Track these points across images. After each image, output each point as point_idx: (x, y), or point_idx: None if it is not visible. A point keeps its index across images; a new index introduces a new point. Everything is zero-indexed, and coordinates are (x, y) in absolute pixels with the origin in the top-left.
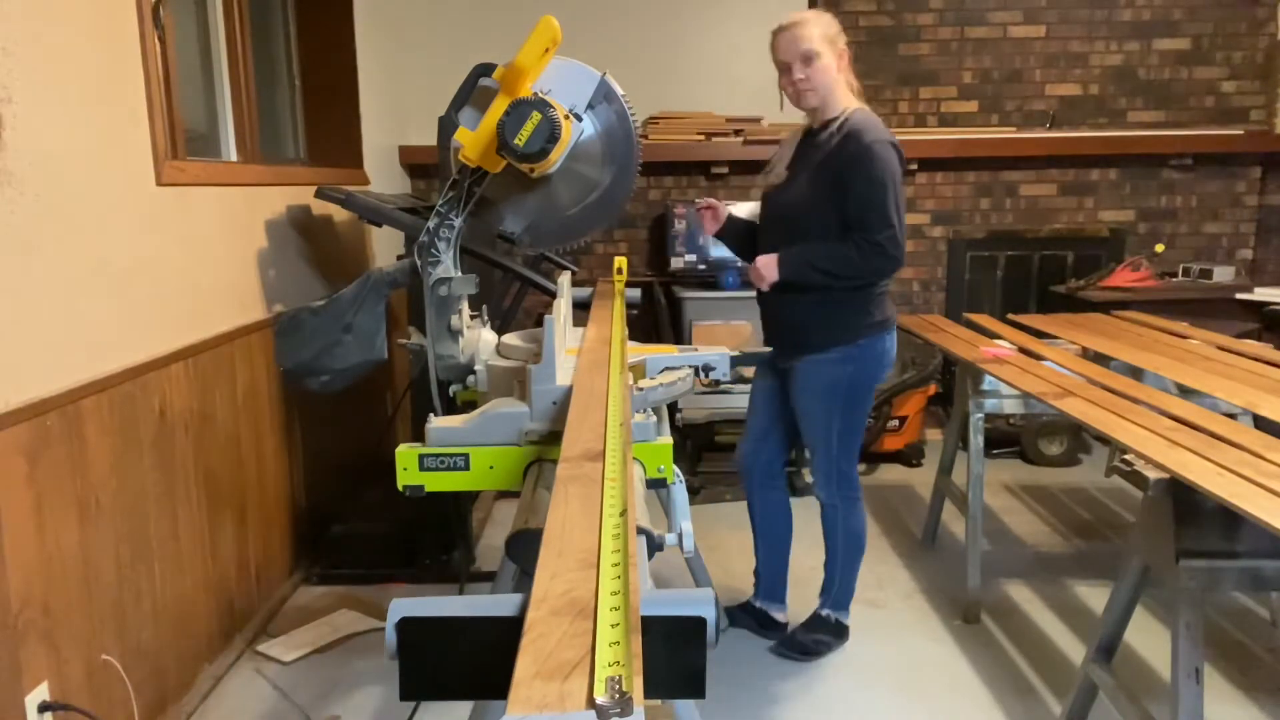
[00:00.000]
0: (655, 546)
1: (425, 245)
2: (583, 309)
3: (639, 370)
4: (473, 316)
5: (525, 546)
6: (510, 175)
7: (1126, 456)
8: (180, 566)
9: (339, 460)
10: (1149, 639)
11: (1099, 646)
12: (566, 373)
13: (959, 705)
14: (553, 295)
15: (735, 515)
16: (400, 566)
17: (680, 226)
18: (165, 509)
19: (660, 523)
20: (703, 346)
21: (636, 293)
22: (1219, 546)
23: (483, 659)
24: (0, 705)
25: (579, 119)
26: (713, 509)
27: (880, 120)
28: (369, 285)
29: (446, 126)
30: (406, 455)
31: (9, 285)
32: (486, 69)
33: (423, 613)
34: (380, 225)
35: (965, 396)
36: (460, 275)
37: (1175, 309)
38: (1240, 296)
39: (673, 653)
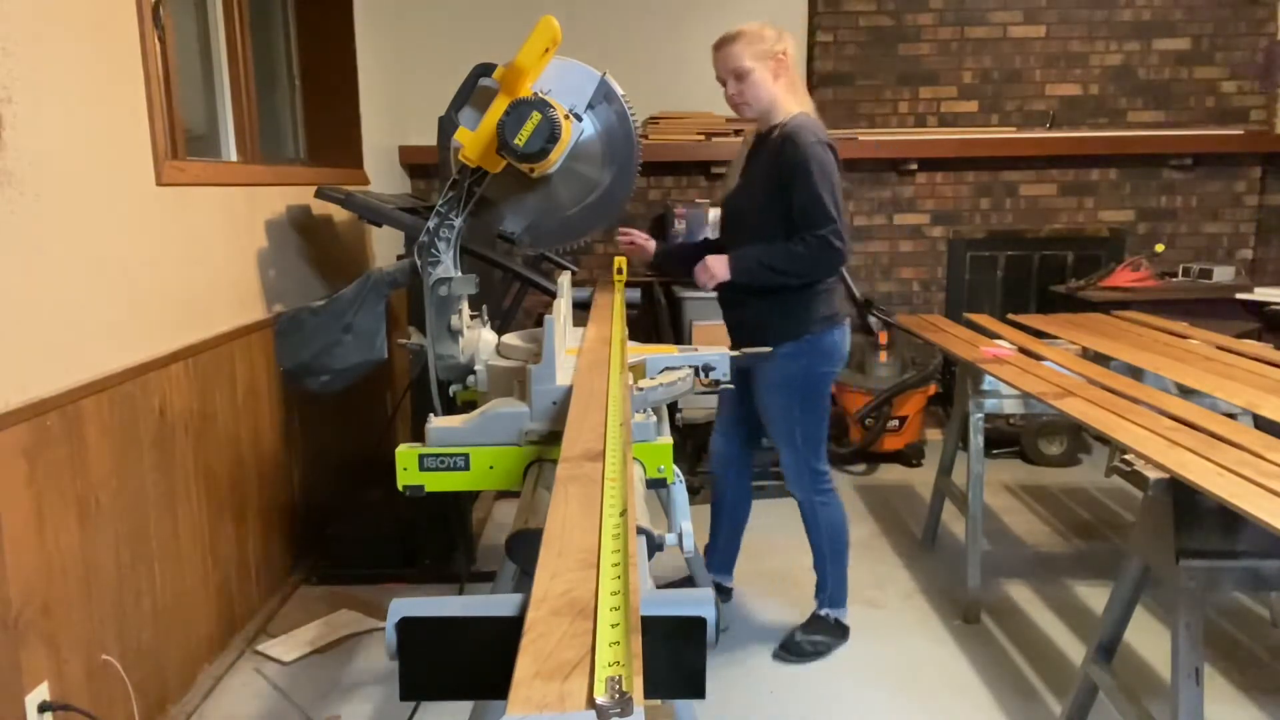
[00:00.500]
0: (655, 546)
1: (425, 245)
2: (583, 309)
3: (639, 370)
4: (473, 316)
5: (525, 546)
6: (510, 175)
7: (1126, 456)
8: (180, 566)
9: (339, 460)
10: (1149, 639)
11: (1099, 646)
12: (566, 373)
13: (959, 705)
14: (553, 295)
15: None
16: (400, 566)
17: (680, 226)
18: (165, 509)
19: (660, 523)
20: (703, 346)
21: (636, 293)
22: (1219, 546)
23: (483, 659)
24: (0, 705)
25: (579, 119)
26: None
27: (820, 123)
28: (369, 285)
29: (446, 126)
30: (406, 455)
31: (9, 285)
32: (486, 69)
33: (423, 613)
34: (380, 225)
35: (965, 396)
36: (460, 275)
37: (1175, 309)
38: (1240, 296)
39: (673, 653)
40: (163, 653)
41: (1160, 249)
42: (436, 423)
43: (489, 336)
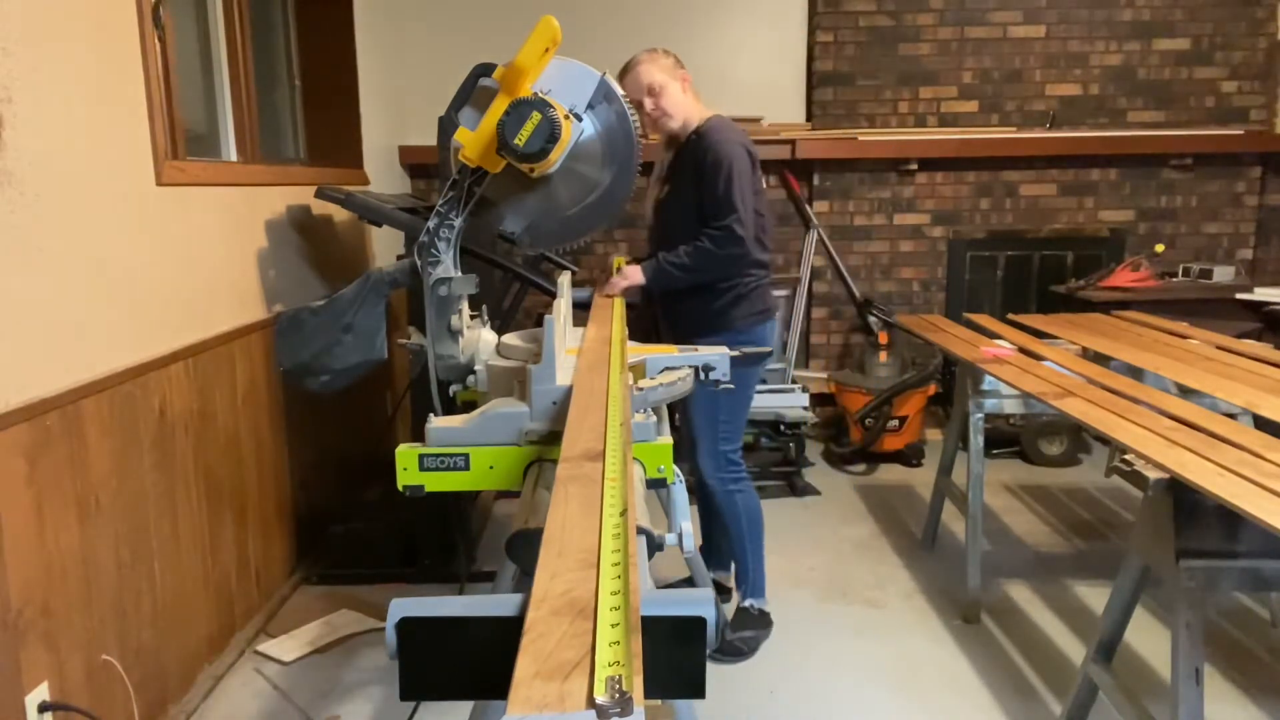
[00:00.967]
0: (655, 546)
1: (425, 245)
2: (583, 309)
3: (639, 370)
4: (473, 316)
5: (525, 546)
6: (510, 175)
7: (1126, 456)
8: (180, 566)
9: (339, 460)
10: (1149, 639)
11: (1099, 646)
12: (566, 373)
13: (959, 705)
14: (553, 295)
15: None
16: (400, 566)
17: None
18: (165, 509)
19: (660, 523)
20: (702, 347)
21: (636, 293)
22: (1219, 546)
23: (483, 659)
24: (0, 705)
25: (579, 119)
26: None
27: (732, 125)
28: (369, 285)
29: (446, 126)
30: (406, 455)
31: (9, 285)
32: (486, 69)
33: (423, 613)
34: (380, 225)
35: (965, 396)
36: (460, 275)
37: (1175, 309)
38: (1240, 296)
39: (673, 653)
40: (163, 653)
41: (1160, 249)
42: (436, 423)
43: (489, 336)
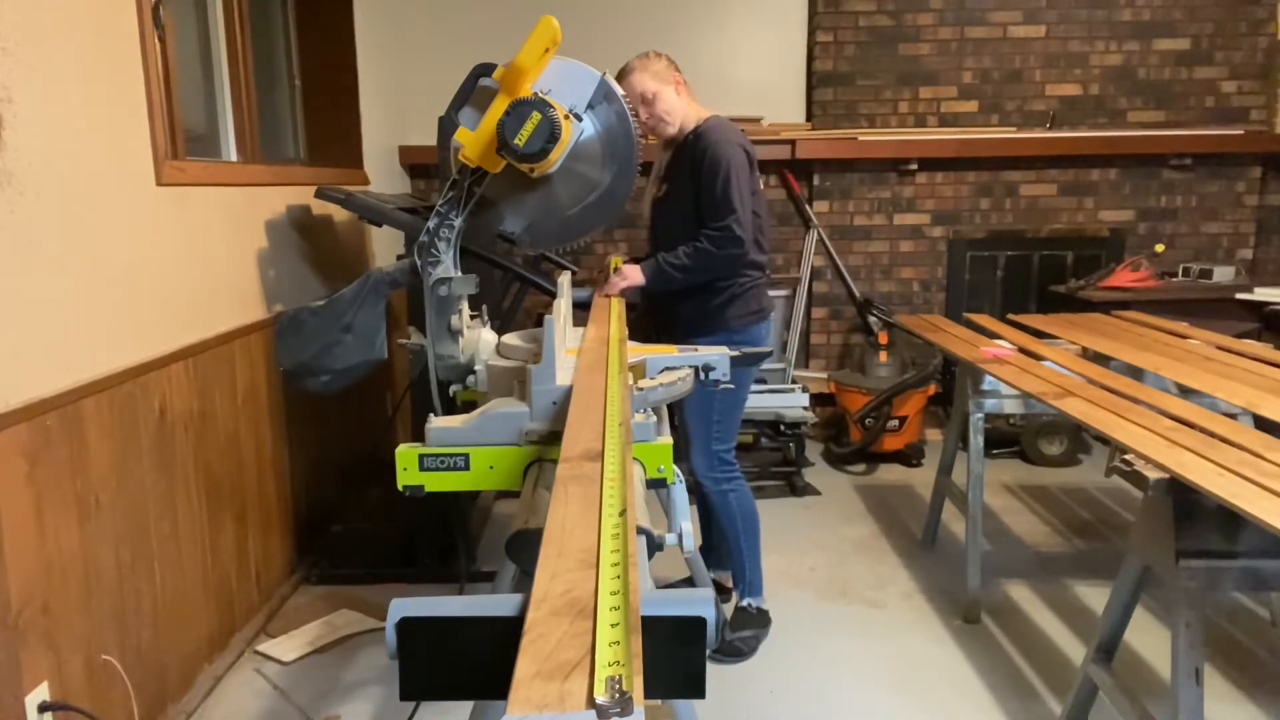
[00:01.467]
0: (655, 546)
1: (425, 245)
2: (583, 309)
3: (639, 370)
4: (473, 316)
5: (525, 546)
6: (510, 175)
7: (1126, 456)
8: (180, 566)
9: (339, 460)
10: (1149, 639)
11: (1099, 646)
12: (566, 373)
13: (959, 705)
14: (553, 295)
15: None
16: (400, 566)
17: None
18: (165, 509)
19: (660, 523)
20: (702, 347)
21: (636, 293)
22: (1219, 546)
23: (483, 659)
24: (0, 705)
25: (579, 119)
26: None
27: (730, 125)
28: (369, 285)
29: (446, 126)
30: (406, 455)
31: (9, 285)
32: (486, 69)
33: (423, 613)
34: (380, 225)
35: (965, 396)
36: (460, 275)
37: (1175, 309)
38: (1240, 296)
39: (673, 653)
40: (163, 653)
41: (1160, 249)
42: (436, 423)
43: (489, 336)
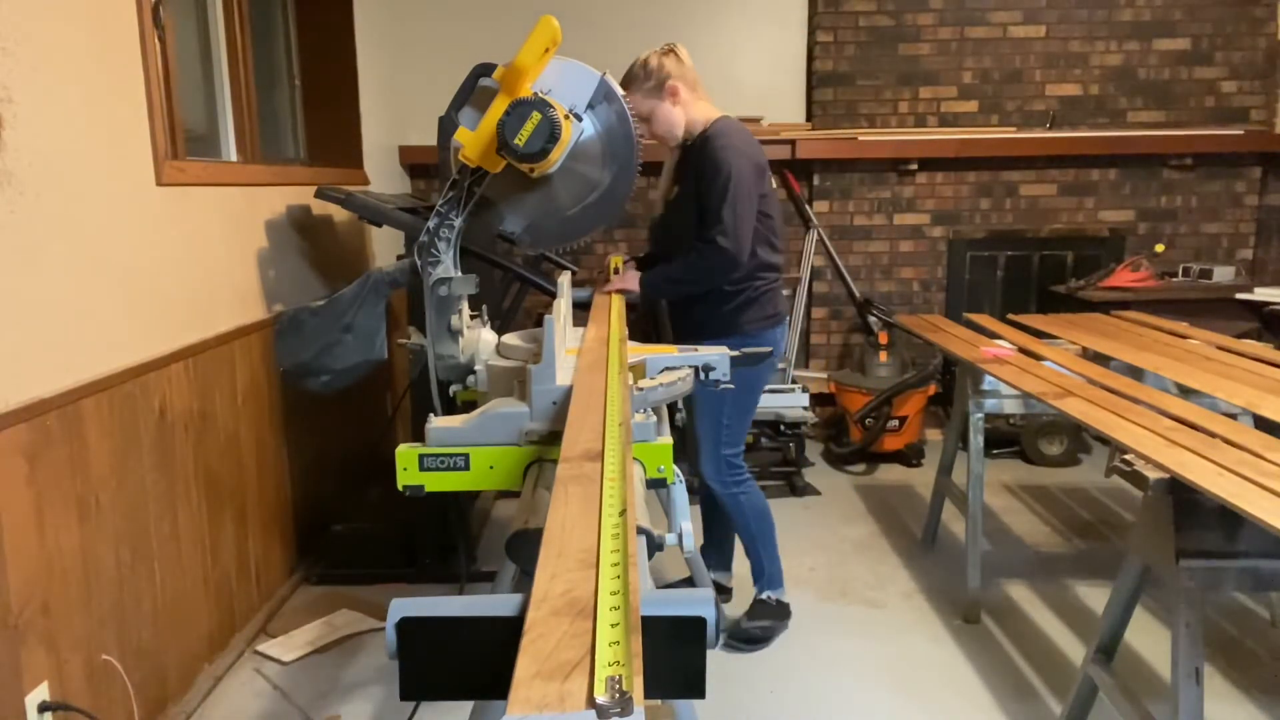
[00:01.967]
0: (655, 546)
1: (425, 245)
2: (583, 309)
3: (639, 370)
4: (473, 316)
5: (525, 546)
6: (510, 175)
7: (1126, 456)
8: (180, 566)
9: (339, 460)
10: (1149, 639)
11: (1099, 646)
12: (566, 373)
13: (959, 705)
14: (553, 295)
15: None
16: (400, 566)
17: None
18: (165, 509)
19: (660, 523)
20: (702, 347)
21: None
22: (1219, 546)
23: (483, 659)
24: (0, 705)
25: (579, 119)
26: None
27: (738, 126)
28: (369, 285)
29: (446, 126)
30: (406, 455)
31: (9, 285)
32: (486, 69)
33: (423, 613)
34: (380, 225)
35: (965, 396)
36: (460, 275)
37: (1175, 309)
38: (1240, 296)
39: (673, 653)
40: (163, 653)
41: (1160, 249)
42: (436, 423)
43: (489, 336)
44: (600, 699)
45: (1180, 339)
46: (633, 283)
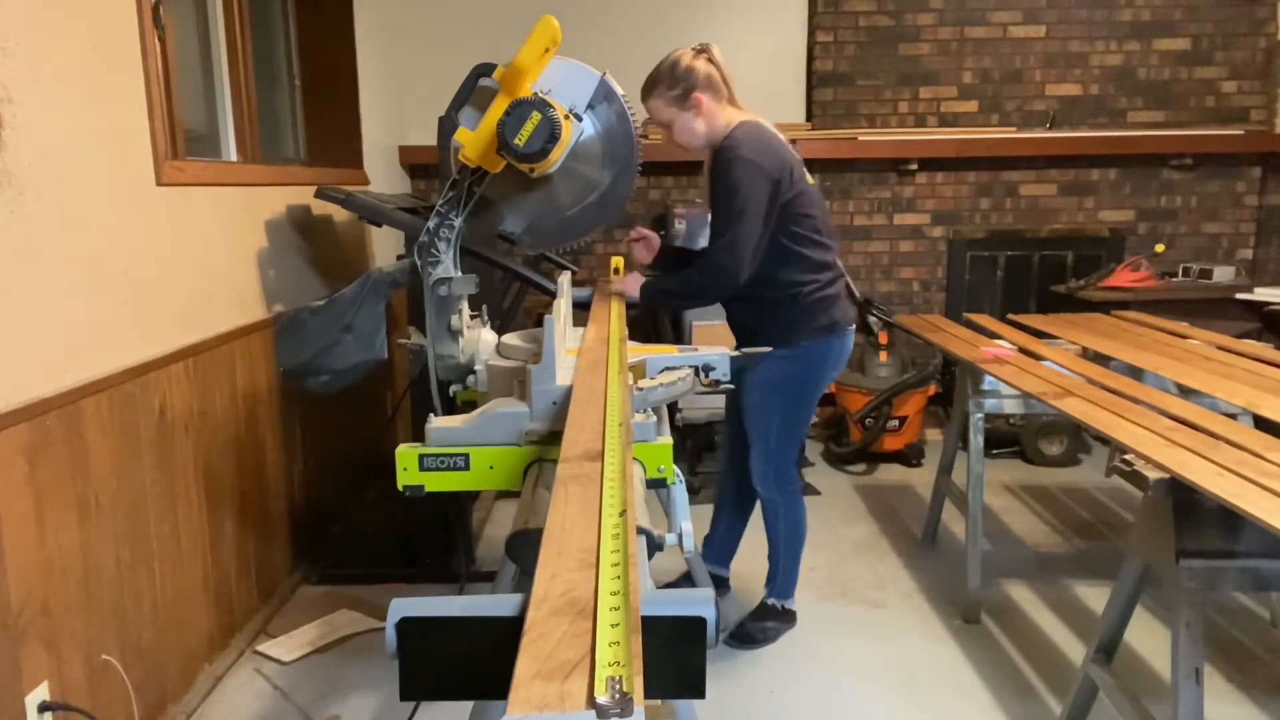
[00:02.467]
0: (655, 546)
1: (425, 245)
2: (583, 309)
3: (639, 370)
4: (473, 316)
5: (525, 546)
6: (510, 175)
7: (1126, 456)
8: (180, 566)
9: (339, 460)
10: (1149, 639)
11: (1099, 646)
12: (566, 373)
13: (959, 705)
14: (553, 295)
15: None
16: (400, 566)
17: (681, 227)
18: (165, 509)
19: (660, 523)
20: (703, 346)
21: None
22: (1219, 546)
23: (483, 659)
24: (0, 705)
25: (579, 119)
26: (713, 509)
27: (759, 132)
28: (369, 285)
29: (446, 126)
30: (406, 455)
31: (9, 285)
32: (486, 69)
33: (423, 613)
34: (380, 225)
35: (965, 396)
36: (460, 275)
37: (1175, 309)
38: (1240, 296)
39: (673, 653)
40: (163, 653)
41: (1160, 249)
42: (436, 423)
43: (489, 336)
44: (600, 699)
45: (1180, 339)
46: (633, 288)
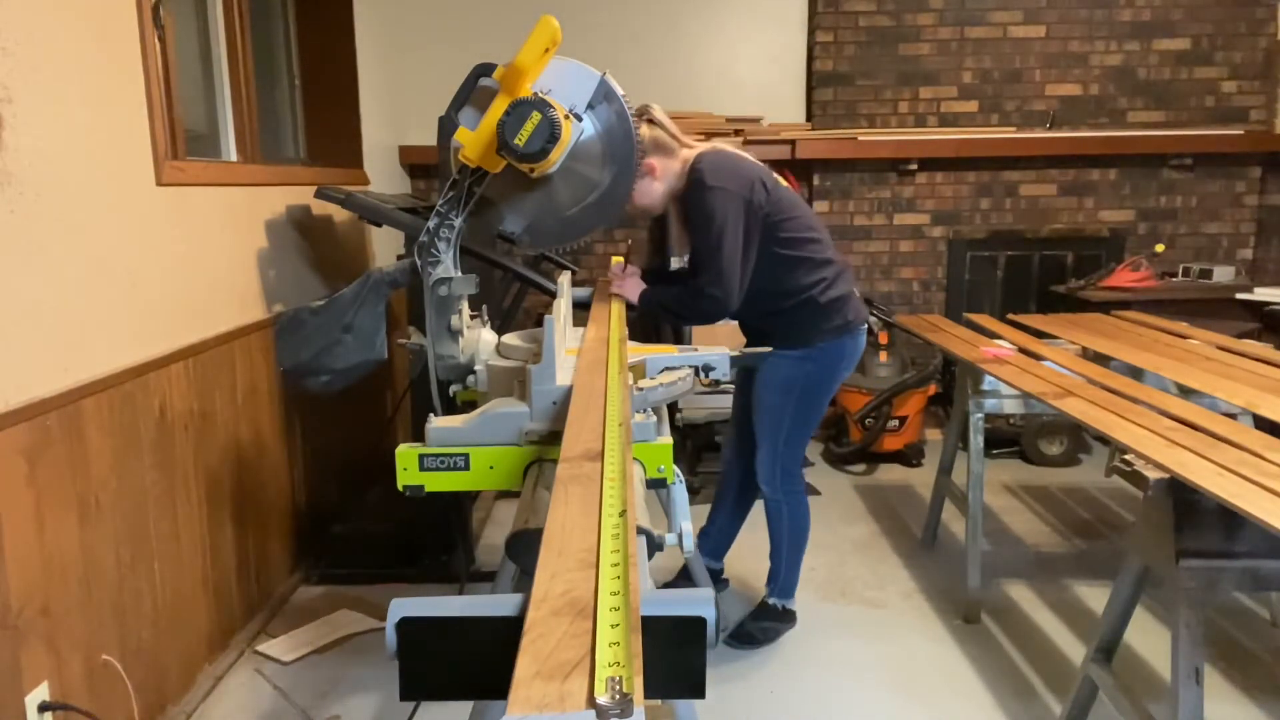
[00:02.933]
0: (655, 546)
1: (425, 245)
2: (583, 309)
3: (639, 370)
4: (473, 316)
5: (525, 546)
6: (510, 175)
7: (1126, 456)
8: (180, 566)
9: (339, 460)
10: (1149, 639)
11: (1099, 646)
12: (566, 373)
13: (959, 705)
14: (553, 295)
15: None
16: (400, 566)
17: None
18: (165, 509)
19: (660, 523)
20: (703, 346)
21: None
22: (1219, 546)
23: (483, 659)
24: (0, 705)
25: (579, 119)
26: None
27: (721, 158)
28: (369, 285)
29: (446, 126)
30: (406, 455)
31: (9, 285)
32: (486, 69)
33: (423, 613)
34: (380, 225)
35: (965, 396)
36: (460, 275)
37: (1175, 309)
38: (1240, 296)
39: (673, 653)
40: (163, 653)
41: (1160, 249)
42: (436, 423)
43: (489, 336)
44: (600, 699)
45: (1180, 339)
46: (633, 293)
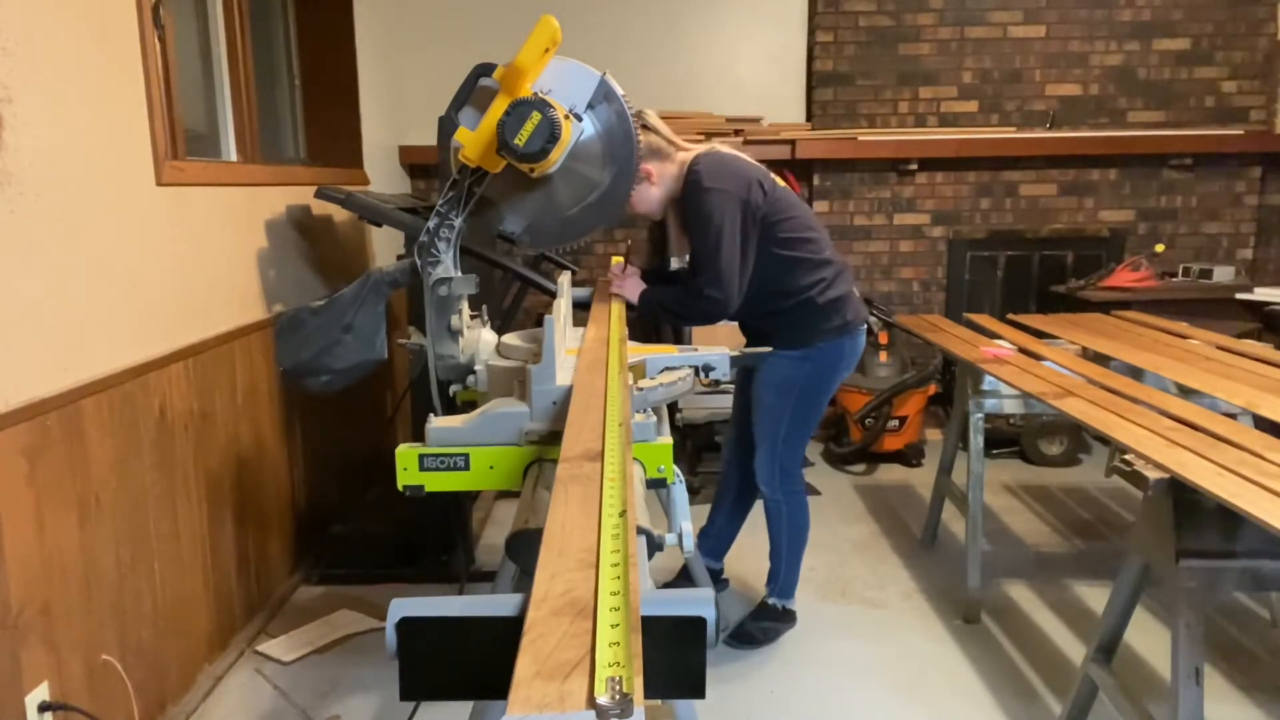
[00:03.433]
0: (655, 546)
1: (425, 245)
2: (583, 309)
3: (639, 370)
4: (473, 316)
5: (525, 546)
6: (510, 175)
7: (1126, 456)
8: (180, 566)
9: (339, 460)
10: (1149, 639)
11: (1099, 646)
12: (566, 373)
13: (959, 705)
14: (553, 295)
15: None
16: (400, 566)
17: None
18: (165, 509)
19: (660, 523)
20: (702, 346)
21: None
22: (1219, 546)
23: (483, 659)
24: (0, 705)
25: (579, 119)
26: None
27: (718, 159)
28: (369, 285)
29: (446, 126)
30: (406, 455)
31: (9, 285)
32: (486, 69)
33: (423, 613)
34: (380, 225)
35: (965, 396)
36: (460, 275)
37: (1175, 309)
38: (1240, 296)
39: (673, 653)
40: (163, 653)
41: (1160, 249)
42: (436, 423)
43: (489, 336)
44: (600, 699)
45: (1180, 339)
46: (633, 293)
